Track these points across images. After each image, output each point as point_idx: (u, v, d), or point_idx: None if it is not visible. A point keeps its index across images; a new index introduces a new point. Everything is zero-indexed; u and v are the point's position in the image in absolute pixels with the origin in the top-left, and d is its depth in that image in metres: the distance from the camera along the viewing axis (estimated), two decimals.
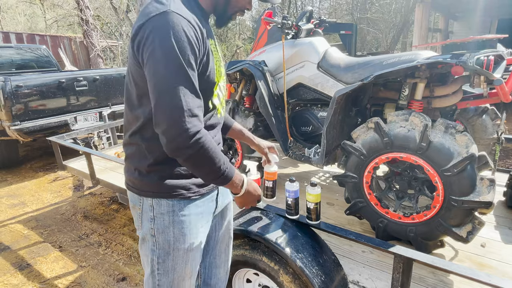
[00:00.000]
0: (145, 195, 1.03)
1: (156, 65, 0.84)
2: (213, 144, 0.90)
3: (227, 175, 0.95)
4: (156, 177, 1.01)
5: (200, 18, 0.97)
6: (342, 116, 1.97)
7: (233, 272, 1.67)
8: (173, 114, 0.83)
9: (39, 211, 3.45)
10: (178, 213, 1.03)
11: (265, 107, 2.24)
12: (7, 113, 3.96)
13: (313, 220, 1.46)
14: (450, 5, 7.90)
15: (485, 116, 2.19)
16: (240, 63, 2.37)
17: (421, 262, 1.19)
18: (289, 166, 2.97)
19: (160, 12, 0.85)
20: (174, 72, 0.84)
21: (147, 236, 1.05)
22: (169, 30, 0.84)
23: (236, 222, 1.57)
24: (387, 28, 18.62)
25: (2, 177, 4.52)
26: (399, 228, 1.70)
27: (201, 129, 0.86)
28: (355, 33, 10.14)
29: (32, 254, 2.65)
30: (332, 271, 1.45)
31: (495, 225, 1.93)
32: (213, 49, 1.03)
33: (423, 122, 1.51)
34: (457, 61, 1.50)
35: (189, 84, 0.86)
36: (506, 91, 1.52)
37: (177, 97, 0.83)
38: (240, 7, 1.08)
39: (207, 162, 0.89)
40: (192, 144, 0.84)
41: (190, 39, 0.86)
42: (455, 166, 1.44)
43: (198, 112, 0.87)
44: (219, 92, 1.11)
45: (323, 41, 2.33)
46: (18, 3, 23.55)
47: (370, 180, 1.74)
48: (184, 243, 1.05)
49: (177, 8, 0.87)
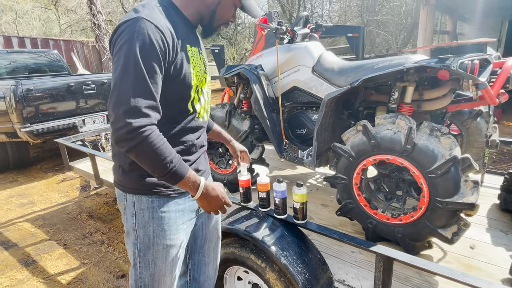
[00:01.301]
0: (128, 191, 1.09)
1: (117, 64, 0.92)
2: (161, 141, 0.93)
3: (174, 173, 0.96)
4: (137, 174, 1.07)
5: (181, 26, 1.05)
6: (333, 118, 2.02)
7: (224, 269, 1.73)
8: (120, 108, 0.88)
9: (47, 210, 3.58)
10: (157, 210, 1.09)
11: (259, 110, 2.30)
12: (18, 115, 4.12)
13: (300, 219, 1.51)
14: (457, 7, 7.83)
15: (479, 119, 2.19)
16: (236, 67, 2.44)
17: (400, 261, 1.23)
18: (287, 168, 3.02)
19: (132, 18, 0.93)
20: (130, 71, 0.90)
21: (130, 230, 1.11)
22: (134, 33, 0.91)
23: (226, 221, 1.63)
24: (397, 30, 18.48)
25: (13, 177, 4.69)
26: (388, 229, 1.73)
27: (146, 125, 0.90)
28: (362, 35, 10.08)
29: (37, 251, 2.76)
30: (317, 270, 1.49)
31: (487, 227, 1.94)
32: (192, 55, 1.09)
33: (408, 125, 1.54)
34: (441, 65, 1.53)
35: (143, 85, 0.91)
36: (491, 94, 1.54)
37: (127, 93, 0.89)
38: (224, 20, 1.16)
39: (150, 157, 0.93)
40: (133, 137, 0.89)
41: (155, 43, 0.92)
42: (439, 168, 1.47)
43: (147, 111, 0.91)
44: (201, 97, 1.16)
45: (318, 45, 2.38)
46: (33, 9, 24.23)
47: (359, 182, 1.78)
48: (164, 239, 1.11)
49: (149, 15, 0.95)
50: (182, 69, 1.03)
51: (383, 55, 11.65)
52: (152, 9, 0.99)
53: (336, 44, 17.28)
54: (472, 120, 2.20)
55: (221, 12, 1.12)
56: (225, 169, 2.61)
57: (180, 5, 1.10)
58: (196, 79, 1.10)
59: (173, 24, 1.01)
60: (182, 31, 1.05)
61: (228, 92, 2.85)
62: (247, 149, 2.41)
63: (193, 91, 1.11)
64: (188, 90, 1.09)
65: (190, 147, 1.16)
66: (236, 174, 2.53)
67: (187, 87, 1.08)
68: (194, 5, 1.10)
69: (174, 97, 1.06)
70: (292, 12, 19.90)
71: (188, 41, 1.08)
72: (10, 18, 23.17)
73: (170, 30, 0.98)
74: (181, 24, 1.06)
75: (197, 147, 1.21)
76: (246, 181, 1.62)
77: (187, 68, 1.05)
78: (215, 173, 2.67)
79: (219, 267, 1.72)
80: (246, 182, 1.62)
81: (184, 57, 1.04)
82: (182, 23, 1.07)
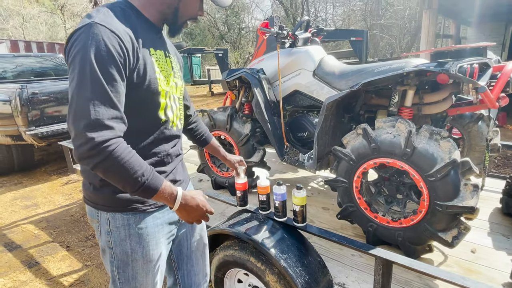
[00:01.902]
0: (101, 208, 1.03)
1: (72, 74, 0.84)
2: (129, 155, 0.86)
3: (147, 187, 0.88)
4: (109, 191, 1.00)
5: (142, 29, 0.99)
6: (334, 122, 2.03)
7: (224, 272, 1.74)
8: (80, 123, 0.81)
9: (51, 213, 3.61)
10: (134, 227, 1.03)
11: (261, 113, 2.31)
12: (23, 118, 4.17)
13: (299, 222, 1.51)
14: (461, 11, 7.82)
15: (480, 123, 2.20)
16: (238, 71, 2.46)
17: (399, 264, 1.23)
18: (288, 171, 3.03)
19: (85, 25, 0.86)
20: (87, 82, 0.82)
21: (106, 248, 1.06)
22: (88, 40, 0.84)
23: (226, 223, 1.64)
24: (401, 34, 18.50)
25: (17, 180, 4.74)
26: (388, 233, 1.73)
27: (110, 138, 0.82)
28: (366, 39, 10.12)
29: (41, 253, 2.79)
30: (317, 273, 1.49)
31: (489, 231, 1.93)
32: (157, 59, 1.02)
33: (408, 128, 1.55)
34: (441, 69, 1.54)
35: (103, 94, 0.83)
36: (491, 98, 1.54)
37: (86, 106, 0.81)
38: (190, 15, 1.08)
39: (119, 173, 0.85)
40: (97, 153, 0.81)
41: (111, 48, 0.85)
42: (439, 172, 1.48)
43: (110, 123, 0.83)
44: (172, 104, 1.09)
45: (320, 49, 2.40)
46: (40, 13, 24.57)
47: (359, 185, 1.78)
48: (143, 255, 1.06)
49: (103, 19, 0.88)
50: (146, 74, 0.96)
51: (387, 59, 11.65)
52: (107, 13, 0.92)
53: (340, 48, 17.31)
54: (474, 124, 2.20)
55: (185, 8, 1.05)
56: (226, 172, 2.63)
57: (140, 6, 1.02)
58: (164, 84, 1.03)
59: (133, 27, 0.95)
60: (143, 35, 0.98)
61: (230, 95, 2.87)
62: (249, 152, 2.44)
63: (163, 97, 1.03)
64: (156, 97, 1.01)
65: (165, 157, 1.10)
66: None
67: (154, 94, 1.00)
68: (154, 6, 1.03)
69: (142, 106, 0.99)
70: (295, 16, 20.00)
71: (152, 45, 1.01)
72: (17, 22, 23.50)
73: (129, 33, 0.91)
74: (142, 27, 1.00)
75: (173, 156, 1.14)
76: (243, 184, 1.62)
77: (152, 74, 0.98)
78: (217, 176, 2.69)
79: (220, 270, 1.73)
80: (243, 185, 1.62)
81: (148, 61, 0.97)
82: (143, 26, 1.01)
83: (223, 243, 1.74)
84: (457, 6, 7.11)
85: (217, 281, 1.79)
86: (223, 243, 1.76)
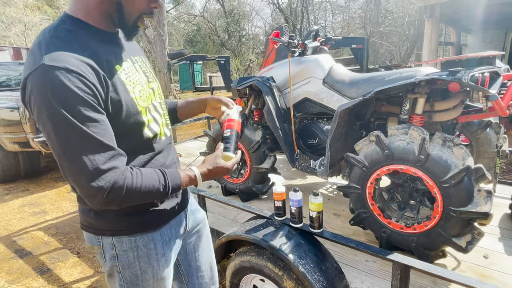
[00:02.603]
0: (103, 234, 0.98)
1: (46, 132, 0.77)
2: (139, 178, 0.84)
3: (173, 187, 0.91)
4: (113, 214, 0.95)
5: (97, 46, 0.86)
6: (346, 129, 2.06)
7: (240, 278, 1.75)
8: (82, 180, 0.77)
9: (59, 219, 3.63)
10: (142, 248, 1.00)
11: (272, 120, 2.35)
12: (32, 125, 4.21)
13: (316, 228, 1.53)
14: (461, 18, 7.93)
15: (489, 130, 2.23)
16: (249, 79, 2.51)
17: (417, 269, 1.25)
18: (297, 178, 3.05)
19: (35, 69, 0.75)
20: (67, 137, 0.76)
21: (114, 272, 1.02)
22: (47, 93, 0.74)
23: (243, 229, 1.67)
24: (400, 41, 18.65)
25: (24, 187, 4.76)
26: (401, 238, 1.75)
27: (115, 178, 0.80)
28: (366, 46, 10.20)
29: (52, 260, 2.80)
30: (334, 278, 1.51)
31: (500, 237, 1.95)
32: (126, 74, 0.92)
33: (421, 136, 1.58)
34: (453, 77, 1.57)
35: (90, 142, 0.77)
36: (502, 105, 1.58)
37: (80, 162, 0.76)
38: (140, 9, 0.91)
39: (142, 197, 0.86)
40: (113, 197, 0.80)
41: (76, 91, 0.75)
42: (453, 178, 1.50)
43: (109, 165, 0.80)
44: (155, 114, 1.02)
45: (329, 57, 2.44)
46: (42, 21, 24.76)
47: (372, 191, 1.81)
48: (153, 274, 1.03)
49: (53, 57, 0.76)
50: (121, 99, 0.87)
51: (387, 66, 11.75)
52: (55, 44, 0.78)
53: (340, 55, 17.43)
54: (482, 130, 2.23)
55: (128, 1, 0.88)
56: (236, 179, 2.66)
57: (83, 16, 0.87)
58: (141, 100, 0.95)
59: (89, 50, 0.83)
60: (103, 53, 0.86)
61: (239, 102, 2.91)
62: (260, 158, 2.46)
63: (145, 114, 0.96)
64: (138, 117, 0.94)
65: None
66: (248, 183, 2.57)
67: (135, 115, 0.92)
68: (96, 9, 0.87)
69: (127, 129, 0.92)
70: (295, 23, 20.19)
71: (115, 60, 0.90)
72: (19, 30, 23.69)
73: (89, 63, 0.80)
74: (97, 43, 0.87)
75: (171, 166, 1.09)
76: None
77: (126, 96, 0.89)
78: (227, 183, 2.72)
79: (235, 276, 1.75)
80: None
81: (118, 85, 0.87)
82: (97, 40, 0.88)
83: (239, 249, 1.76)
84: (458, 14, 7.21)
85: (232, 286, 1.81)
86: (238, 249, 1.78)
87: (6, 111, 4.32)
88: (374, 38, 17.71)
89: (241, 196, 2.63)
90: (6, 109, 4.31)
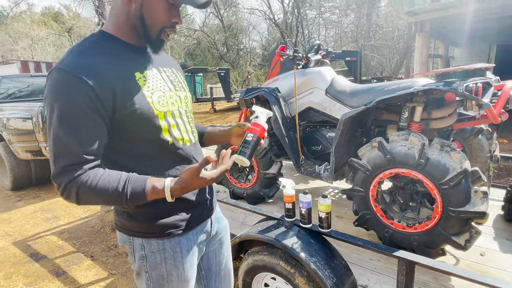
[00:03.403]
0: (135, 235, 1.01)
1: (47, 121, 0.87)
2: (93, 181, 0.84)
3: (131, 193, 0.86)
4: (144, 218, 0.99)
5: (118, 56, 0.92)
6: (348, 136, 2.12)
7: (252, 276, 1.78)
8: (52, 172, 0.87)
9: (71, 224, 3.63)
10: (169, 251, 1.02)
11: (278, 128, 2.41)
12: (44, 134, 4.23)
13: (325, 228, 1.57)
14: (449, 33, 8.12)
15: (480, 136, 2.30)
16: (256, 90, 2.57)
17: (421, 264, 1.29)
18: (300, 183, 3.10)
19: (53, 69, 0.86)
20: (50, 133, 0.85)
21: (141, 272, 1.05)
22: (51, 88, 0.84)
23: (255, 230, 1.70)
24: (391, 54, 18.97)
25: (35, 193, 4.76)
26: (403, 238, 1.79)
27: (70, 180, 0.83)
28: (359, 59, 10.39)
29: (67, 263, 2.80)
30: (343, 275, 1.54)
31: (494, 236, 2.00)
32: (146, 81, 0.95)
33: (421, 141, 1.65)
34: (449, 88, 1.65)
35: (60, 141, 0.83)
36: (494, 113, 1.65)
37: (51, 156, 0.85)
38: (161, 23, 0.95)
39: (96, 199, 0.87)
40: (67, 196, 0.85)
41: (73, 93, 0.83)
42: (451, 180, 1.56)
43: (69, 168, 0.84)
44: (178, 121, 1.02)
45: (330, 70, 2.52)
46: (48, 35, 24.92)
47: (375, 194, 1.86)
48: (178, 275, 1.05)
49: (67, 62, 0.85)
50: (133, 103, 0.90)
51: (379, 77, 11.92)
52: (73, 52, 0.88)
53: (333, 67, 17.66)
54: (474, 137, 2.30)
55: (150, 15, 0.93)
56: (244, 184, 2.70)
57: (113, 31, 0.95)
58: (159, 105, 0.96)
59: (108, 58, 0.90)
60: (123, 61, 0.92)
61: (245, 112, 2.97)
62: (267, 164, 2.51)
63: (162, 119, 0.97)
64: (155, 121, 0.95)
65: None
66: (255, 188, 2.61)
67: (151, 118, 0.94)
68: (124, 24, 0.94)
69: (141, 130, 0.94)
70: (290, 37, 20.48)
71: (136, 68, 0.95)
72: (26, 44, 23.80)
73: (96, 69, 0.85)
74: (121, 53, 0.93)
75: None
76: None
77: (140, 100, 0.92)
78: (235, 188, 2.76)
79: (248, 274, 1.78)
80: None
81: (131, 90, 0.91)
82: (123, 51, 0.94)
83: (251, 249, 1.79)
84: (446, 29, 7.39)
85: (244, 285, 1.83)
86: (250, 249, 1.81)
87: (19, 121, 4.34)
88: (366, 51, 17.98)
89: (249, 200, 2.67)
90: (19, 119, 4.34)
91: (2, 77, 5.65)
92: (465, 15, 5.48)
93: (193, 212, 1.08)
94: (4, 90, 5.56)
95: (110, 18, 0.97)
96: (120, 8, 0.94)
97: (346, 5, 21.60)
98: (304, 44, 20.63)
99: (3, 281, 2.58)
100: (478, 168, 1.57)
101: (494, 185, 2.64)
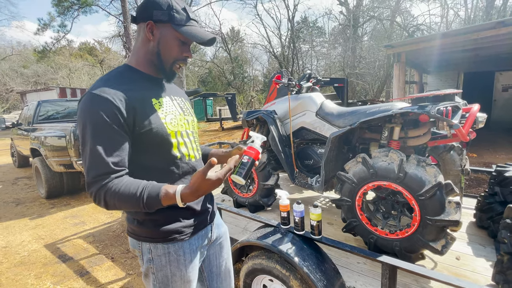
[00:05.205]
0: (143, 240, 1.01)
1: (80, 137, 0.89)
2: (116, 189, 0.84)
3: (147, 198, 0.84)
4: (152, 224, 0.99)
5: (141, 84, 0.97)
6: (336, 152, 2.09)
7: (252, 278, 1.72)
8: (85, 182, 0.88)
9: (96, 229, 3.57)
10: (173, 254, 1.02)
11: (275, 145, 2.39)
12: (76, 150, 4.23)
13: (316, 235, 1.52)
14: (422, 63, 8.18)
15: (452, 152, 2.26)
16: (256, 112, 2.57)
17: (403, 268, 1.24)
18: (295, 192, 3.04)
19: (87, 92, 0.89)
20: (85, 148, 0.86)
21: (148, 273, 1.03)
22: (84, 109, 0.87)
23: (254, 236, 1.65)
24: (373, 81, 19.09)
25: (66, 202, 4.71)
26: (387, 243, 1.73)
27: (98, 189, 0.85)
28: (346, 85, 10.42)
29: (90, 264, 2.73)
30: (333, 278, 1.48)
31: (468, 241, 1.93)
32: (161, 106, 0.99)
33: (400, 157, 1.61)
34: (422, 110, 1.63)
35: (94, 157, 0.85)
36: (463, 133, 1.62)
37: (85, 168, 0.87)
38: (174, 57, 1.00)
39: (120, 204, 0.86)
40: (97, 202, 0.86)
41: (102, 112, 0.85)
42: (427, 192, 1.52)
43: (98, 178, 0.85)
44: (185, 139, 1.05)
45: (320, 95, 2.52)
46: (83, 66, 25.50)
47: (361, 203, 1.81)
48: (181, 276, 1.04)
49: (97, 87, 0.88)
50: (150, 123, 0.93)
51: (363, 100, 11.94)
52: (102, 80, 0.92)
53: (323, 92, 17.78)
54: (447, 153, 2.26)
55: (165, 50, 0.98)
56: (246, 193, 2.65)
57: (135, 64, 1.01)
58: (171, 125, 0.99)
59: (130, 85, 0.94)
60: (142, 90, 0.96)
61: (247, 131, 2.96)
62: (265, 176, 2.47)
63: (174, 137, 1.00)
64: (168, 138, 0.98)
65: None
66: (256, 197, 2.56)
67: (165, 136, 0.97)
68: (145, 58, 1.00)
69: (156, 146, 0.97)
70: (287, 67, 20.74)
71: (153, 95, 0.99)
72: (65, 73, 24.34)
73: (120, 94, 0.89)
74: (140, 82, 0.98)
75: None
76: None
77: (156, 120, 0.95)
78: (238, 197, 2.71)
79: (248, 276, 1.71)
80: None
81: (149, 111, 0.94)
82: (142, 81, 0.99)
83: (251, 253, 1.73)
84: (419, 59, 7.45)
85: (245, 286, 1.77)
86: (249, 254, 1.76)
87: (54, 139, 4.36)
88: (351, 78, 18.12)
89: (250, 208, 2.62)
90: (55, 137, 4.36)
91: (42, 102, 5.73)
92: (434, 48, 5.53)
93: (195, 219, 1.07)
94: (44, 112, 5.63)
95: (132, 53, 1.03)
96: (140, 45, 1.00)
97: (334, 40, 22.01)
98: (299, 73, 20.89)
99: (34, 280, 2.51)
100: (451, 181, 1.53)
101: (466, 195, 2.58)
